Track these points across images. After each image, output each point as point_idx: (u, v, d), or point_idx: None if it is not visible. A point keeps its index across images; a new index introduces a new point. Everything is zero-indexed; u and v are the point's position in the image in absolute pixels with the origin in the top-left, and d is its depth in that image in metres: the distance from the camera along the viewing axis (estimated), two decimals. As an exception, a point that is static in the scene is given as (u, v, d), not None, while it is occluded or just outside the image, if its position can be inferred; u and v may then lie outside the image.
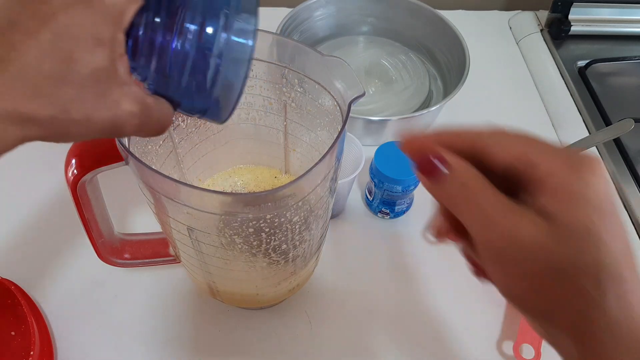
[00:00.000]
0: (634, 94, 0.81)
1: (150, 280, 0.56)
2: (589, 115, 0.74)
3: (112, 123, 0.24)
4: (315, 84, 0.43)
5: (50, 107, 0.22)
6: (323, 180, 0.39)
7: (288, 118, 0.49)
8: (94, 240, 0.46)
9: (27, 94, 0.22)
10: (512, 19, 0.92)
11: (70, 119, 0.23)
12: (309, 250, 0.47)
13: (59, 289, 0.55)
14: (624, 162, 0.68)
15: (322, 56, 0.40)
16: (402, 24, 0.80)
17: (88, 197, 0.42)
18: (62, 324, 0.53)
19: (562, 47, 0.85)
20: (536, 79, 0.82)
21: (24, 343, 0.50)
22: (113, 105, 0.24)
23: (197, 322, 0.54)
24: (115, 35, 0.23)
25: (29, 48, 0.21)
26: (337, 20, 0.81)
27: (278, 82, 0.46)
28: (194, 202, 0.36)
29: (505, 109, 0.77)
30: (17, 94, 0.22)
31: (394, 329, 0.54)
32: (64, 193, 0.41)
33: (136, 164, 0.35)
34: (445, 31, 0.75)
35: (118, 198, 0.62)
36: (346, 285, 0.57)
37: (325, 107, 0.43)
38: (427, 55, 0.80)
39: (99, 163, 0.39)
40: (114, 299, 0.55)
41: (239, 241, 0.40)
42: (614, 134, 0.58)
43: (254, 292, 0.49)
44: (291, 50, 0.43)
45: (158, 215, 0.42)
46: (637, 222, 0.62)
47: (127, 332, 0.53)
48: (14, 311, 0.51)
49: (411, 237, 0.62)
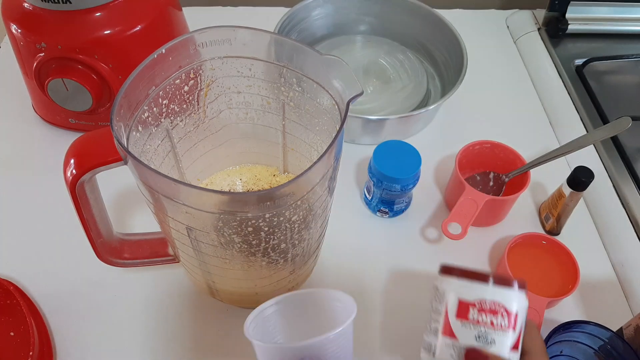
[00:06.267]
0: (631, 92, 0.81)
1: (149, 280, 0.56)
2: (587, 114, 0.74)
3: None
4: (313, 83, 0.43)
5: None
6: (322, 179, 0.39)
7: (286, 117, 0.49)
8: (93, 240, 0.46)
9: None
10: (509, 18, 0.92)
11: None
12: (308, 249, 0.47)
13: (58, 289, 0.55)
14: (622, 160, 0.68)
15: (320, 55, 0.40)
16: (400, 23, 0.80)
17: (87, 197, 0.42)
18: (61, 325, 0.53)
19: (559, 45, 0.85)
20: (534, 78, 0.82)
21: (23, 343, 0.50)
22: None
23: (196, 322, 0.54)
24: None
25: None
26: (335, 19, 0.81)
27: (276, 82, 0.46)
28: (192, 201, 0.36)
29: (503, 108, 0.78)
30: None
31: (393, 327, 0.54)
32: (62, 193, 0.41)
33: (135, 164, 0.35)
34: (443, 30, 0.75)
35: (117, 198, 0.62)
36: (345, 284, 0.57)
37: (324, 106, 0.43)
38: (425, 54, 0.80)
39: (97, 163, 0.39)
40: (113, 299, 0.55)
41: (238, 240, 0.40)
42: (611, 132, 0.58)
43: (253, 292, 0.49)
44: (289, 50, 0.43)
45: (157, 215, 0.42)
46: (634, 220, 0.62)
47: (126, 331, 0.53)
48: (13, 312, 0.51)
49: (410, 235, 0.62)
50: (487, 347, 0.37)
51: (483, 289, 0.39)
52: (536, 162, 0.61)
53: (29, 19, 0.57)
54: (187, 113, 0.47)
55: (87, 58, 0.57)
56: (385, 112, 0.71)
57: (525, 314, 0.39)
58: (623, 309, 0.57)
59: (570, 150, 0.60)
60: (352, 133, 0.69)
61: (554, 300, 0.53)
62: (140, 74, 0.39)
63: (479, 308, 0.38)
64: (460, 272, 0.40)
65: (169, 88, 0.43)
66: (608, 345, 0.48)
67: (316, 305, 0.46)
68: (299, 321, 0.47)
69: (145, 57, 0.40)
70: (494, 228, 0.63)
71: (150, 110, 0.42)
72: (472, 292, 0.39)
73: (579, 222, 0.64)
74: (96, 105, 0.61)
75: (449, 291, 0.39)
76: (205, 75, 0.45)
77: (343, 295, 0.44)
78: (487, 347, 0.38)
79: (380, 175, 0.57)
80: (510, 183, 0.63)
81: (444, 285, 0.40)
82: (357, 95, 0.38)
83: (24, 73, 0.63)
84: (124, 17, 0.58)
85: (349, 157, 0.69)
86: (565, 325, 0.48)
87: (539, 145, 0.71)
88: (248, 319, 0.42)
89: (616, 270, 0.60)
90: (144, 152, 0.43)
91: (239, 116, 0.51)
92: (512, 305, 0.38)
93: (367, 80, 0.75)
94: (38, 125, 0.70)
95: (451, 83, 0.69)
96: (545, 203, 0.64)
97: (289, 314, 0.46)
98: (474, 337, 0.38)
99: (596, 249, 0.62)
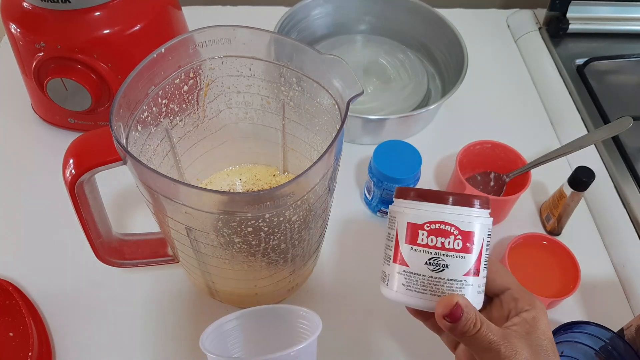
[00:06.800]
0: (632, 91, 0.81)
1: (148, 280, 0.56)
2: (588, 113, 0.74)
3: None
4: (313, 82, 0.43)
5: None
6: (322, 179, 0.39)
7: (286, 117, 0.49)
8: (92, 240, 0.46)
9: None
10: (510, 17, 0.92)
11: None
12: (308, 249, 0.47)
13: (57, 290, 0.55)
14: (623, 160, 0.68)
15: (320, 55, 0.40)
16: (400, 22, 0.80)
17: (86, 197, 0.42)
18: (61, 325, 0.53)
19: (560, 45, 0.85)
20: (534, 77, 0.82)
21: (22, 344, 0.50)
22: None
23: (195, 323, 0.54)
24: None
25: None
26: (335, 18, 0.81)
27: (276, 81, 0.46)
28: (192, 201, 0.36)
29: (503, 107, 0.77)
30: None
31: (393, 327, 0.54)
32: (62, 193, 0.41)
33: (134, 164, 0.35)
34: (443, 30, 0.75)
35: (116, 198, 0.62)
36: (345, 284, 0.57)
37: (324, 106, 0.43)
38: (425, 53, 0.80)
39: (96, 163, 0.39)
40: (112, 300, 0.55)
41: (238, 241, 0.40)
42: (612, 131, 0.58)
43: (253, 292, 0.49)
44: (289, 49, 0.43)
45: (156, 215, 0.42)
46: (635, 220, 0.62)
47: (125, 332, 0.53)
48: (12, 312, 0.51)
49: (410, 235, 0.62)
50: (439, 274, 0.34)
51: (436, 210, 0.35)
52: (537, 162, 0.61)
53: (28, 19, 0.57)
54: (186, 113, 0.47)
55: (86, 58, 0.57)
56: (385, 112, 0.71)
57: (487, 235, 0.36)
58: (624, 309, 0.57)
59: (571, 150, 0.60)
60: (352, 133, 0.69)
61: (555, 300, 0.53)
62: (140, 74, 0.39)
63: (429, 230, 0.34)
64: (416, 194, 0.36)
65: (169, 88, 0.43)
66: (609, 346, 0.48)
67: (281, 321, 0.46)
68: (262, 337, 0.46)
69: (144, 56, 0.39)
70: (495, 228, 0.63)
71: (149, 110, 0.42)
72: (423, 215, 0.35)
73: (580, 222, 0.64)
74: (95, 105, 0.61)
75: (400, 214, 0.36)
76: (204, 74, 0.45)
77: (308, 312, 0.43)
78: (438, 273, 0.34)
79: (380, 175, 0.57)
80: (511, 183, 0.63)
81: (395, 209, 0.37)
82: (357, 95, 0.38)
83: (23, 73, 0.63)
84: (124, 17, 0.58)
85: (349, 157, 0.69)
86: (566, 325, 0.48)
87: (540, 145, 0.71)
88: (205, 332, 0.41)
89: (617, 271, 0.60)
90: (143, 152, 0.42)
91: (239, 116, 0.51)
92: (466, 226, 0.34)
93: (367, 79, 0.75)
94: (37, 125, 0.69)
95: (451, 83, 0.69)
96: (546, 203, 0.63)
97: (252, 330, 0.45)
98: (425, 263, 0.35)
99: (597, 249, 0.62)
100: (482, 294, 0.36)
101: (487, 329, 0.33)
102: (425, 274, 0.35)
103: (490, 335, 0.33)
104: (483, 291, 0.36)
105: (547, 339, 0.35)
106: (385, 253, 0.38)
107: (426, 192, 0.36)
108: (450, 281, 0.35)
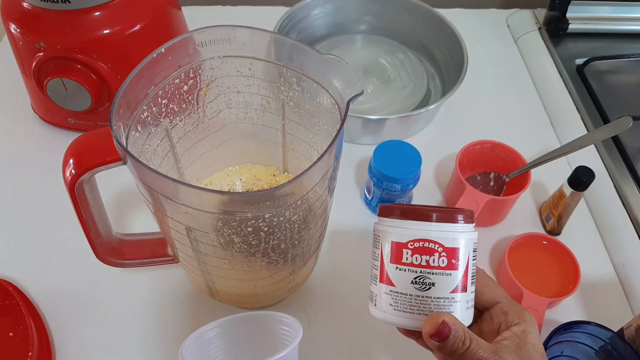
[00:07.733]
0: (632, 91, 0.81)
1: (148, 280, 0.56)
2: (587, 113, 0.74)
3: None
4: (313, 82, 0.43)
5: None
6: (322, 179, 0.39)
7: (286, 117, 0.49)
8: (92, 240, 0.46)
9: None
10: (510, 17, 0.92)
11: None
12: (308, 249, 0.47)
13: (57, 290, 0.55)
14: (622, 160, 0.68)
15: (320, 55, 0.40)
16: (400, 22, 0.80)
17: (86, 197, 0.42)
18: (61, 325, 0.53)
19: (560, 45, 0.85)
20: (534, 77, 0.82)
21: (22, 344, 0.50)
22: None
23: (195, 323, 0.53)
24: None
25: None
26: (335, 18, 0.81)
27: (276, 81, 0.46)
28: (192, 201, 0.36)
29: (503, 107, 0.77)
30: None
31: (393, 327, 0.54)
32: (62, 193, 0.41)
33: (134, 164, 0.35)
34: (443, 30, 0.75)
35: (116, 198, 0.62)
36: (345, 284, 0.57)
37: (324, 106, 0.43)
38: (425, 53, 0.80)
39: (96, 163, 0.39)
40: (112, 300, 0.55)
41: (238, 240, 0.40)
42: (612, 131, 0.58)
43: (253, 292, 0.49)
44: (289, 49, 0.43)
45: (156, 215, 0.42)
46: (635, 220, 0.62)
47: (125, 332, 0.53)
48: (12, 312, 0.51)
49: (410, 235, 0.62)
50: (425, 292, 0.34)
51: (419, 228, 0.34)
52: (537, 162, 0.61)
53: (28, 19, 0.57)
54: (186, 113, 0.47)
55: (86, 58, 0.57)
56: (385, 112, 0.71)
57: (473, 249, 0.35)
58: (624, 309, 0.57)
59: (571, 150, 0.60)
60: (352, 133, 0.69)
61: (555, 300, 0.53)
62: (140, 74, 0.39)
63: (413, 249, 0.34)
64: (400, 212, 0.35)
65: (168, 88, 0.43)
66: (609, 346, 0.48)
67: (262, 327, 0.45)
68: (244, 344, 0.45)
69: (144, 56, 0.39)
70: (495, 228, 0.63)
71: (149, 110, 0.42)
72: (406, 233, 0.34)
73: (580, 222, 0.64)
74: (95, 105, 0.61)
75: (384, 233, 0.35)
76: (204, 74, 0.45)
77: (289, 318, 0.43)
78: (424, 292, 0.34)
79: (380, 175, 0.57)
80: (511, 183, 0.63)
81: (379, 227, 0.36)
82: (357, 95, 0.38)
83: (23, 73, 0.63)
84: (123, 17, 0.58)
85: (349, 157, 0.69)
86: (566, 325, 0.48)
87: (540, 145, 0.71)
88: (185, 342, 0.41)
89: (617, 271, 0.60)
90: (143, 151, 0.42)
91: (239, 116, 0.50)
92: (451, 242, 0.34)
93: (367, 79, 0.75)
94: (37, 125, 0.69)
95: (451, 83, 0.69)
96: (546, 203, 0.63)
97: (233, 337, 0.45)
98: (411, 282, 0.34)
99: (597, 249, 0.62)
100: (471, 310, 0.36)
101: (477, 345, 0.33)
102: (412, 293, 0.35)
103: (480, 352, 0.33)
104: (472, 306, 0.36)
105: (538, 352, 0.35)
106: (371, 272, 0.37)
107: (409, 210, 0.35)
108: (438, 299, 0.34)
